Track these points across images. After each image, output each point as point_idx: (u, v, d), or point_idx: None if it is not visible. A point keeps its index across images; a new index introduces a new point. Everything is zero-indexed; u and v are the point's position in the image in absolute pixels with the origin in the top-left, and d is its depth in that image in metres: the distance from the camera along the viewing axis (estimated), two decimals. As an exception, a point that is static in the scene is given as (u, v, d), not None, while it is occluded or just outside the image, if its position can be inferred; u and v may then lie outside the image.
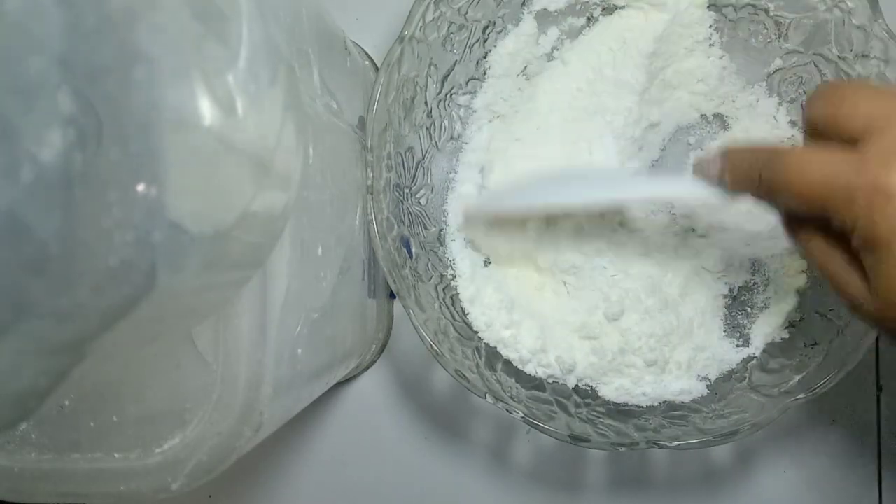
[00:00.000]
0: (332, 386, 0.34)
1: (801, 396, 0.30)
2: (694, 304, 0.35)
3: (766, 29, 0.34)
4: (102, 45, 0.14)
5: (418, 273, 0.33)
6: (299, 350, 0.25)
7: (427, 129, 0.35)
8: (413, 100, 0.33)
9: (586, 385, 0.34)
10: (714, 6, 0.35)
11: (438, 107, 0.35)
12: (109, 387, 0.22)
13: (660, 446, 0.30)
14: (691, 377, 0.34)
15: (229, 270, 0.19)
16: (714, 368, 0.34)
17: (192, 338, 0.21)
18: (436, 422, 0.39)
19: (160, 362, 0.22)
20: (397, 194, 0.33)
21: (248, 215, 0.18)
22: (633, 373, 0.33)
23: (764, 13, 0.34)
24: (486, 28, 0.35)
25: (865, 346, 0.29)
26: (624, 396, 0.33)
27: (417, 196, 0.35)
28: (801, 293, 0.34)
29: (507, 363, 0.33)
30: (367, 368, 0.39)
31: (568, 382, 0.33)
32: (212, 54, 0.17)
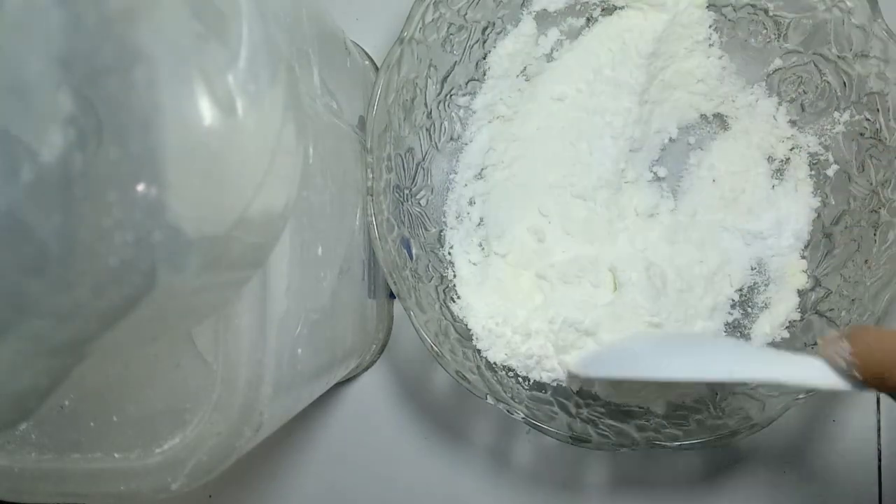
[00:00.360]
0: (332, 386, 0.34)
1: (801, 397, 0.30)
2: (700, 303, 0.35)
3: (766, 29, 0.34)
4: (102, 45, 0.14)
5: (419, 274, 0.33)
6: (299, 350, 0.25)
7: (427, 130, 0.35)
8: (413, 101, 0.33)
9: (588, 386, 0.34)
10: (713, 6, 0.35)
11: (438, 108, 0.35)
12: (109, 387, 0.22)
13: (661, 446, 0.30)
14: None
15: (229, 270, 0.19)
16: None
17: (192, 338, 0.21)
18: (436, 422, 0.39)
19: (160, 362, 0.22)
20: (397, 195, 0.33)
21: (248, 215, 0.18)
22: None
23: (763, 13, 0.34)
24: (485, 29, 0.35)
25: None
26: (623, 397, 0.33)
27: (417, 197, 0.35)
28: (801, 293, 0.34)
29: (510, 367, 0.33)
30: (367, 368, 0.39)
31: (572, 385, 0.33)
32: (212, 54, 0.17)
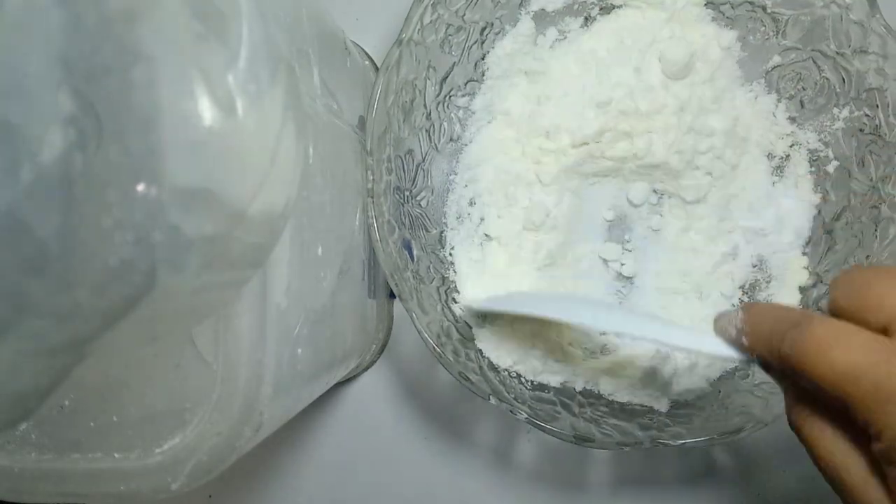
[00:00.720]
0: (332, 386, 0.34)
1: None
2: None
3: (764, 26, 0.34)
4: (102, 45, 0.14)
5: (420, 275, 0.33)
6: (299, 350, 0.25)
7: (426, 131, 0.35)
8: (412, 102, 0.33)
9: (591, 386, 0.34)
10: (711, 4, 0.35)
11: (437, 109, 0.35)
12: (109, 387, 0.22)
13: (664, 445, 0.30)
14: (694, 375, 0.34)
15: (229, 270, 0.19)
16: (717, 366, 0.34)
17: (192, 338, 0.21)
18: (436, 421, 0.39)
19: (160, 362, 0.22)
20: (398, 197, 0.33)
21: (248, 215, 0.18)
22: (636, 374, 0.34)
23: (762, 10, 0.34)
24: (483, 29, 0.35)
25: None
26: (628, 395, 0.33)
27: (418, 198, 0.35)
28: (802, 290, 0.34)
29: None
30: (367, 368, 0.39)
31: (576, 385, 0.33)
32: (212, 54, 0.17)
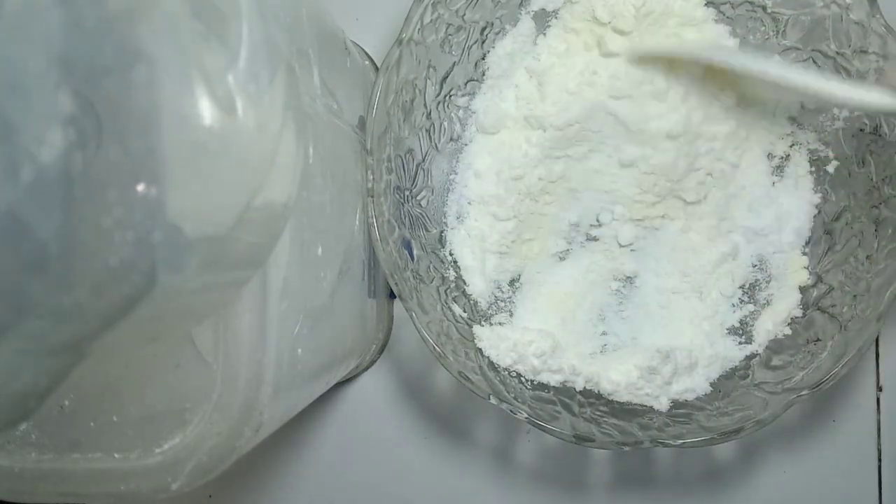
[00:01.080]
0: (332, 386, 0.34)
1: (804, 393, 0.30)
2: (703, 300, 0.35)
3: (764, 26, 0.34)
4: (102, 45, 0.14)
5: (420, 275, 0.33)
6: (299, 350, 0.25)
7: (427, 130, 0.35)
8: (412, 102, 0.33)
9: (591, 386, 0.34)
10: (711, 3, 0.35)
11: (438, 109, 0.35)
12: (109, 387, 0.22)
13: (664, 445, 0.30)
14: (694, 375, 0.34)
15: (229, 270, 0.19)
16: (717, 366, 0.34)
17: (192, 338, 0.21)
18: (436, 421, 0.39)
19: (160, 362, 0.22)
20: (398, 197, 0.33)
21: (248, 215, 0.18)
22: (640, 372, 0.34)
23: (762, 10, 0.34)
24: (484, 29, 0.35)
25: (868, 341, 0.29)
26: (628, 395, 0.33)
27: (418, 198, 0.35)
28: (802, 289, 0.34)
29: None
30: (367, 368, 0.39)
31: (577, 385, 0.33)
32: (212, 54, 0.17)
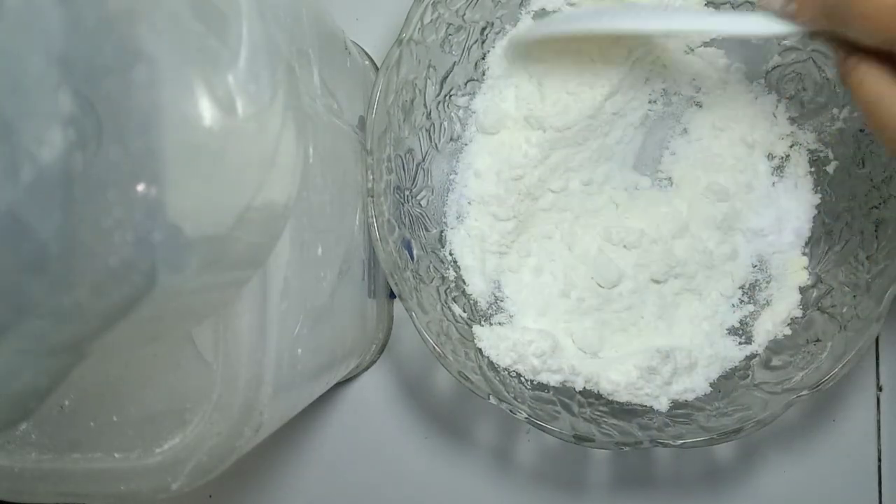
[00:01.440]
0: (332, 386, 0.34)
1: (804, 393, 0.30)
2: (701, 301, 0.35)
3: (764, 26, 0.34)
4: (102, 45, 0.14)
5: (420, 275, 0.33)
6: (299, 350, 0.25)
7: (427, 130, 0.35)
8: (412, 102, 0.33)
9: (591, 386, 0.34)
10: (711, 3, 0.35)
11: (438, 108, 0.35)
12: (109, 387, 0.22)
13: (664, 445, 0.30)
14: (694, 375, 0.34)
15: (229, 270, 0.19)
16: (717, 366, 0.34)
17: (192, 338, 0.21)
18: (436, 421, 0.39)
19: (160, 362, 0.22)
20: (398, 196, 0.33)
21: (248, 215, 0.18)
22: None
23: (761, 10, 0.34)
24: (484, 29, 0.35)
25: (868, 341, 0.29)
26: (628, 395, 0.33)
27: (418, 198, 0.35)
28: (802, 290, 0.34)
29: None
30: (367, 368, 0.39)
31: (576, 385, 0.33)
32: (212, 54, 0.17)
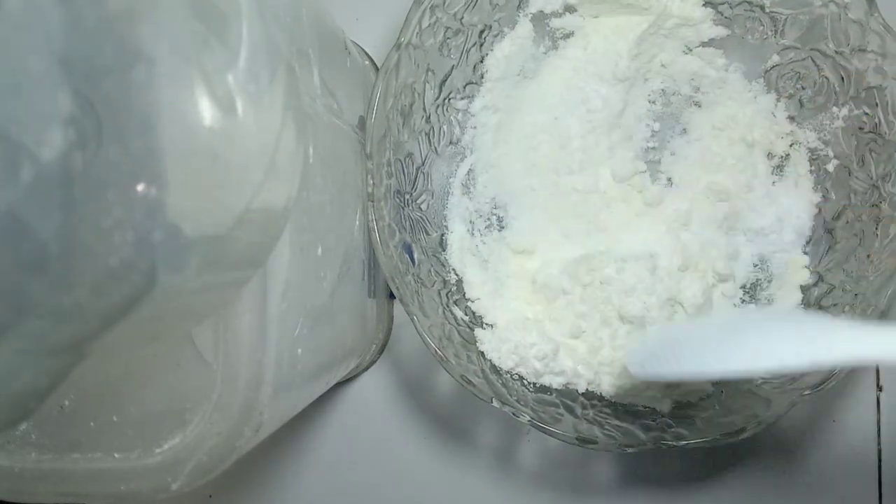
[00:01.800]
0: (332, 386, 0.34)
1: (806, 393, 0.30)
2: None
3: (763, 25, 0.34)
4: (102, 45, 0.14)
5: (421, 279, 0.33)
6: (299, 350, 0.25)
7: (426, 134, 0.35)
8: (411, 106, 0.33)
9: (594, 387, 0.34)
10: (710, 3, 0.35)
11: (437, 112, 0.35)
12: (109, 387, 0.22)
13: (666, 446, 0.30)
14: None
15: (229, 270, 0.19)
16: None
17: (192, 338, 0.21)
18: (437, 421, 0.39)
19: (160, 362, 0.22)
20: (398, 200, 0.33)
21: (248, 215, 0.18)
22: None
23: (760, 10, 0.34)
24: (482, 32, 0.35)
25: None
26: (630, 397, 0.33)
27: (418, 202, 0.35)
28: (803, 289, 0.34)
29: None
30: (367, 368, 0.39)
31: (579, 387, 0.33)
32: (212, 54, 0.17)
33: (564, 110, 0.36)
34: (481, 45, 0.35)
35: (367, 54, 0.39)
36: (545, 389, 0.33)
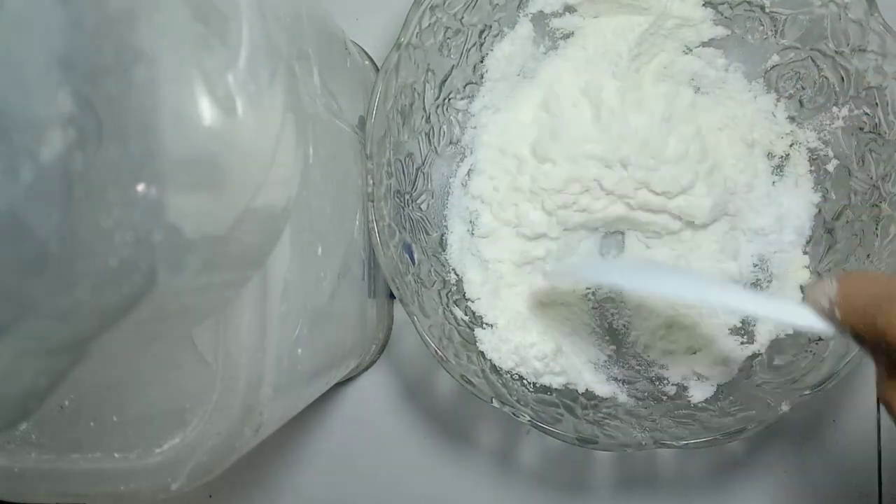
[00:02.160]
0: (332, 386, 0.34)
1: (806, 393, 0.30)
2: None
3: (763, 25, 0.34)
4: (103, 45, 0.14)
5: (421, 279, 0.33)
6: (299, 350, 0.25)
7: (426, 134, 0.35)
8: (411, 106, 0.33)
9: (594, 387, 0.34)
10: (710, 3, 0.35)
11: (437, 112, 0.35)
12: (109, 387, 0.22)
13: (667, 446, 0.30)
14: (696, 376, 0.34)
15: (229, 270, 0.19)
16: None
17: (192, 338, 0.21)
18: (437, 421, 0.39)
19: (160, 362, 0.22)
20: (398, 201, 0.33)
21: (248, 215, 0.18)
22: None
23: (760, 10, 0.34)
24: (482, 32, 0.35)
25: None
26: (630, 397, 0.33)
27: (418, 202, 0.35)
28: (804, 289, 0.34)
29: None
30: (367, 368, 0.39)
31: (579, 387, 0.33)
32: (212, 54, 0.17)
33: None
34: (481, 46, 0.35)
35: (367, 54, 0.39)
36: (545, 389, 0.33)
